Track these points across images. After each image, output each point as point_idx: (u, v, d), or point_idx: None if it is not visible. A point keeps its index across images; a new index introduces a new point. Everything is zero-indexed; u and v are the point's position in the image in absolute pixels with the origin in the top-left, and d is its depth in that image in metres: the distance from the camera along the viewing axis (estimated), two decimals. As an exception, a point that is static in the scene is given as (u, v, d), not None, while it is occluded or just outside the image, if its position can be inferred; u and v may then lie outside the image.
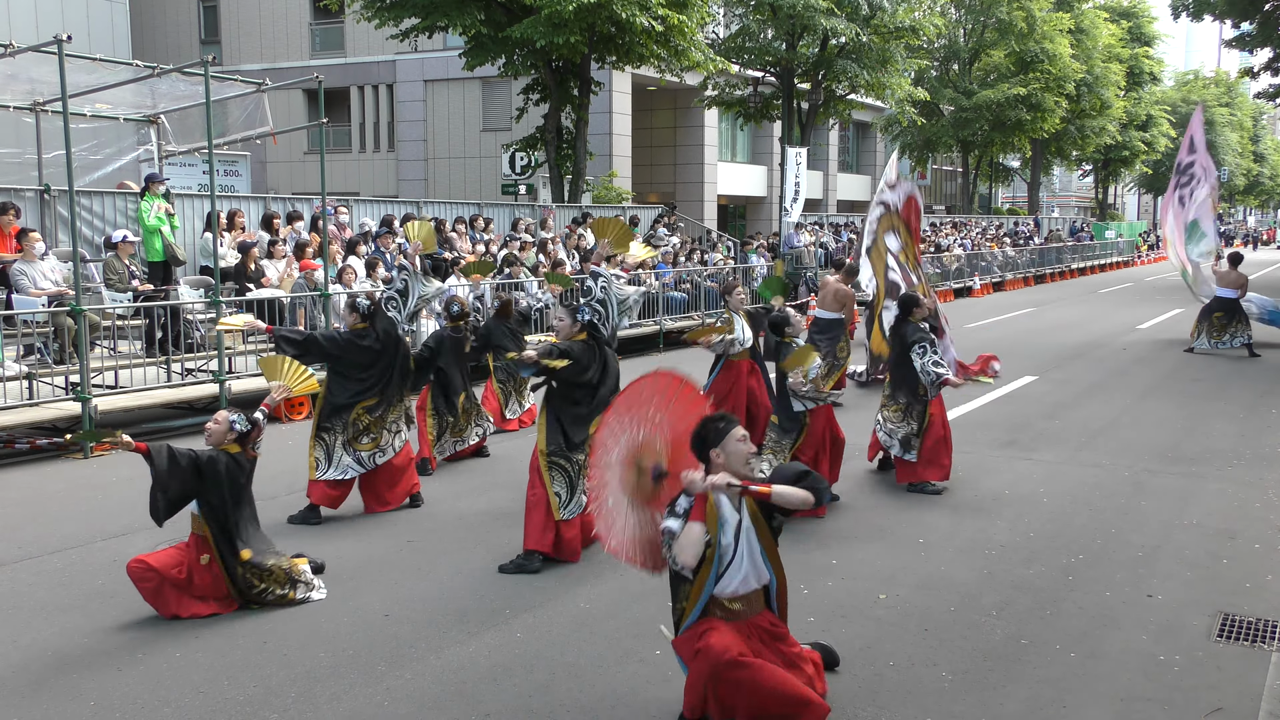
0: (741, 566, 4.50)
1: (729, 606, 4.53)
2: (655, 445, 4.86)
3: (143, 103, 14.39)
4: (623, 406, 4.94)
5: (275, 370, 6.96)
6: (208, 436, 6.18)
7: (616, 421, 4.92)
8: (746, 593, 4.56)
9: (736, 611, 4.53)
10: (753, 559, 4.53)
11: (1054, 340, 19.11)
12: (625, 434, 4.88)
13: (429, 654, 5.50)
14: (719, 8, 28.59)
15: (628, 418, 4.89)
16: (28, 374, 10.54)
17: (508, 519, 7.91)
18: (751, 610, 4.59)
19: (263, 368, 6.97)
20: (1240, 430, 11.13)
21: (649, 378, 4.96)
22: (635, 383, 4.97)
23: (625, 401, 4.95)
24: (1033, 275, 36.17)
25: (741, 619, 4.54)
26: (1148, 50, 55.27)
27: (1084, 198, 79.93)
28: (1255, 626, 5.80)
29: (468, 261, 10.99)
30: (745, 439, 4.55)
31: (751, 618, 4.58)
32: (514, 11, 20.95)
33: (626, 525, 4.83)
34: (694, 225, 29.26)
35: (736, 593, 4.53)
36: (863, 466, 9.48)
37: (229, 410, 6.28)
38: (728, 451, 4.51)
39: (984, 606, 6.12)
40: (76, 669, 5.35)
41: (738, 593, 4.53)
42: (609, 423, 4.94)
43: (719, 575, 4.49)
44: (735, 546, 4.49)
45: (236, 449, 6.16)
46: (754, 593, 4.60)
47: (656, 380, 4.94)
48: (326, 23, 34.93)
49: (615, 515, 4.82)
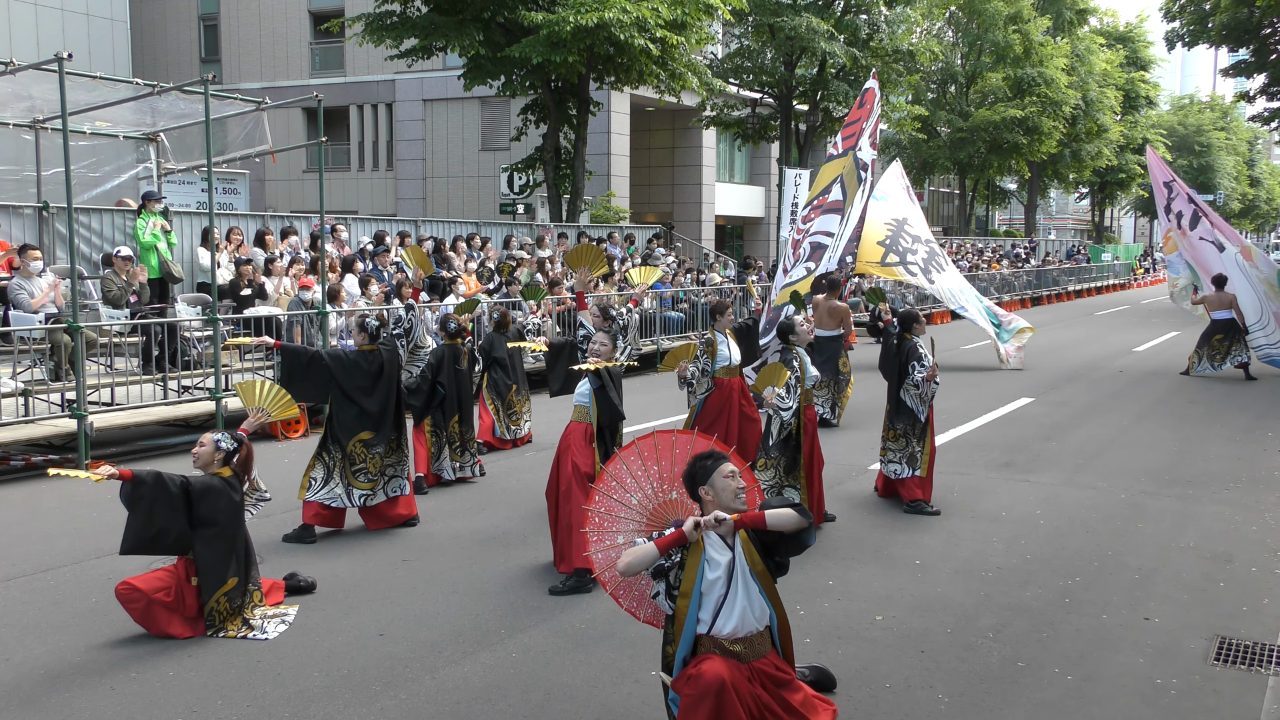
0: (736, 605, 4.42)
1: (729, 648, 4.43)
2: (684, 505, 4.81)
3: (142, 121, 14.45)
4: (648, 454, 4.86)
5: (251, 395, 6.71)
6: (195, 460, 6.14)
7: (641, 467, 4.85)
8: (748, 634, 4.46)
9: (738, 654, 4.43)
10: (749, 597, 4.46)
11: (1051, 362, 19.13)
12: (652, 485, 4.82)
13: (423, 674, 5.48)
14: (718, 28, 28.75)
15: (655, 468, 4.84)
16: (24, 390, 10.52)
17: (503, 539, 7.90)
18: (754, 653, 4.48)
19: (240, 392, 6.79)
20: (1237, 453, 11.13)
21: (683, 435, 4.90)
22: (665, 434, 4.89)
23: (652, 451, 4.86)
24: (1029, 297, 36.25)
25: (744, 661, 4.43)
26: (1144, 74, 55.60)
27: (1081, 220, 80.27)
28: (1252, 650, 5.79)
29: (457, 304, 11.16)
30: (734, 475, 4.52)
31: (754, 661, 4.47)
32: (513, 32, 21.05)
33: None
34: (691, 245, 29.33)
35: (735, 634, 4.44)
36: (860, 489, 9.48)
37: (213, 432, 6.24)
38: (716, 488, 4.50)
39: (981, 628, 6.10)
40: (69, 687, 5.32)
41: (736, 634, 4.44)
42: (629, 461, 4.86)
43: (714, 616, 4.43)
44: (729, 585, 4.43)
45: (228, 472, 6.13)
46: (756, 635, 4.49)
47: (694, 441, 4.86)
48: (326, 42, 35.09)
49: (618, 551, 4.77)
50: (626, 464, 4.88)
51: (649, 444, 4.89)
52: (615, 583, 4.81)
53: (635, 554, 4.45)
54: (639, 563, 4.43)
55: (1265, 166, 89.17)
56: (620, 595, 4.86)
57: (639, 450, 4.88)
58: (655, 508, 4.83)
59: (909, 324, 8.94)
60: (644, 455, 4.87)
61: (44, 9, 30.90)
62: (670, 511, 4.82)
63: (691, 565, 4.42)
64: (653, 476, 4.85)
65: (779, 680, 4.53)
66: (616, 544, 4.78)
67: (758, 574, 4.50)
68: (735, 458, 4.71)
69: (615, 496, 4.84)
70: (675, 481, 4.80)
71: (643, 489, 4.85)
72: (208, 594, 5.95)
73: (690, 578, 4.42)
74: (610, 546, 4.80)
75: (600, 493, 4.86)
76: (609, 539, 4.81)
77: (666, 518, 4.80)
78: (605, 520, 4.83)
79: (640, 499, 4.84)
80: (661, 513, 4.82)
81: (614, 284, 18.71)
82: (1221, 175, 70.14)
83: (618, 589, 4.83)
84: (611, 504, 4.83)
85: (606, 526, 4.82)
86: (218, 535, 5.99)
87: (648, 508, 4.83)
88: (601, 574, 4.82)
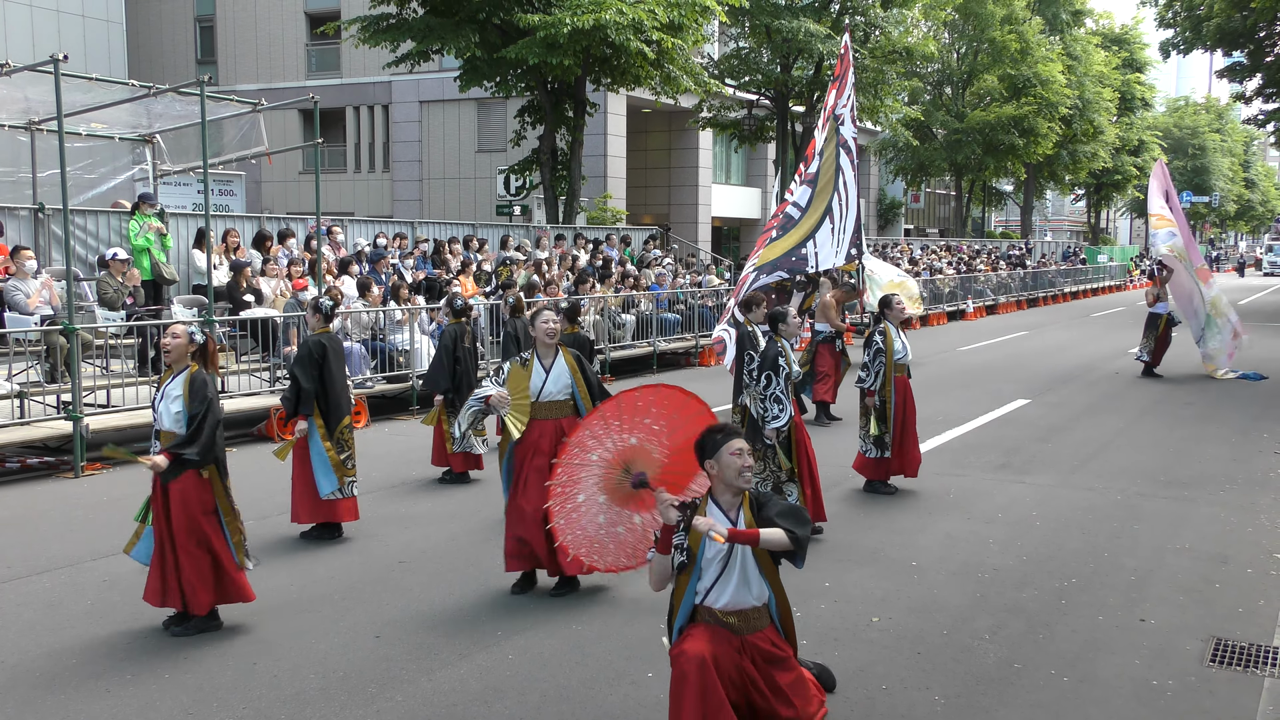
0: (733, 579, 4.45)
1: (723, 619, 4.47)
2: (652, 453, 4.99)
3: (138, 122, 14.44)
4: (611, 413, 5.09)
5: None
6: (168, 354, 6.15)
7: (602, 426, 5.08)
8: (743, 608, 4.48)
9: (731, 625, 4.46)
10: (745, 574, 4.47)
11: (1046, 364, 19.15)
12: (612, 438, 5.02)
13: (420, 676, 5.47)
14: (714, 29, 28.78)
15: (616, 423, 5.03)
16: (20, 392, 10.50)
17: (500, 540, 7.88)
18: (749, 627, 4.50)
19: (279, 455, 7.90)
20: (1232, 454, 11.15)
21: (648, 389, 5.09)
22: (629, 393, 5.12)
23: (615, 409, 5.09)
24: (1025, 299, 36.31)
25: (738, 633, 4.47)
26: (1139, 76, 55.72)
27: (1077, 222, 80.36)
28: (1248, 651, 5.79)
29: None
30: (741, 452, 4.48)
31: (748, 635, 4.51)
32: (509, 34, 21.04)
33: (590, 523, 5.10)
34: (688, 246, 29.34)
35: (729, 607, 4.47)
36: (857, 490, 9.48)
37: (183, 325, 6.29)
38: (722, 464, 4.47)
39: (977, 630, 6.11)
40: (65, 690, 5.32)
41: (730, 607, 4.47)
42: (590, 426, 5.12)
43: (709, 588, 4.46)
44: (727, 561, 4.45)
45: (196, 366, 6.14)
46: (752, 609, 4.50)
47: (658, 392, 5.07)
48: (322, 44, 35.08)
49: (582, 512, 5.00)
50: (588, 428, 5.14)
51: (612, 405, 5.14)
52: (574, 541, 5.05)
53: (655, 571, 4.55)
54: (662, 571, 4.52)
55: (1260, 168, 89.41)
56: (582, 552, 5.28)
57: (601, 413, 5.14)
58: (614, 455, 5.05)
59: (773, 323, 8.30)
60: (606, 415, 5.10)
61: (39, 10, 30.87)
62: (631, 456, 5.02)
63: (694, 541, 4.45)
64: (612, 430, 5.04)
65: (771, 656, 4.54)
66: (578, 504, 4.99)
67: (757, 554, 4.50)
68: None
69: (576, 461, 5.10)
70: (636, 429, 4.99)
71: (603, 444, 5.07)
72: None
73: (693, 554, 4.45)
74: (573, 510, 5.02)
75: (562, 463, 5.12)
76: (570, 502, 5.02)
77: (628, 462, 5.02)
78: (566, 487, 5.02)
79: (600, 454, 5.08)
80: (621, 458, 5.03)
81: (611, 284, 18.71)
82: (1217, 177, 70.35)
83: (577, 547, 5.16)
84: (572, 469, 5.02)
85: (567, 492, 5.00)
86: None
87: (606, 458, 5.07)
88: (557, 526, 5.06)
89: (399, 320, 13.94)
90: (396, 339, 13.91)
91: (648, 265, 21.64)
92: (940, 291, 29.59)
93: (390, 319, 13.93)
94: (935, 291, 29.08)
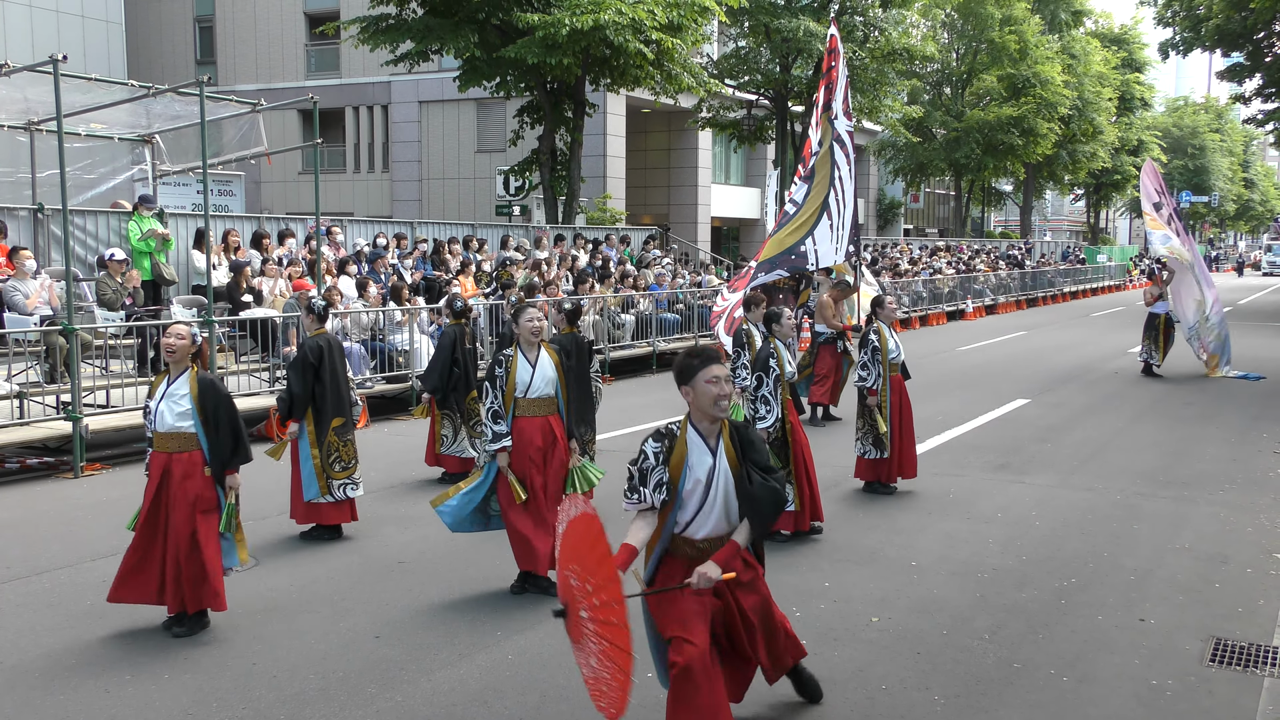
0: (714, 510, 4.45)
1: (699, 546, 4.48)
2: (585, 588, 4.30)
3: (137, 122, 14.43)
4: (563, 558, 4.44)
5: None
6: (172, 355, 6.00)
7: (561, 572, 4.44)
8: (718, 535, 4.49)
9: (705, 552, 4.47)
10: (726, 504, 4.48)
11: (1046, 363, 19.15)
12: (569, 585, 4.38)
13: (419, 676, 5.47)
14: (713, 29, 28.78)
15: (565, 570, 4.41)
16: (19, 393, 10.50)
17: (499, 540, 7.87)
18: (719, 546, 4.47)
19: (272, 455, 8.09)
20: (1232, 454, 11.15)
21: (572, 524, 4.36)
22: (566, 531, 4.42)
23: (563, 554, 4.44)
24: (1025, 299, 36.30)
25: (707, 557, 4.43)
26: (1139, 76, 55.73)
27: (1076, 222, 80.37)
28: (1248, 651, 5.79)
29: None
30: (717, 380, 4.38)
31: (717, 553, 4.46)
32: (508, 34, 21.05)
33: (587, 668, 4.41)
34: (687, 247, 29.34)
35: (708, 535, 4.49)
36: (855, 491, 9.48)
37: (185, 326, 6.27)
38: (697, 391, 4.41)
39: (976, 630, 6.11)
40: (64, 690, 5.31)
41: (708, 535, 4.49)
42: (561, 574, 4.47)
43: (690, 520, 4.46)
44: (707, 490, 4.44)
45: (197, 367, 6.13)
46: (725, 536, 4.51)
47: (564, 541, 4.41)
48: (322, 44, 35.07)
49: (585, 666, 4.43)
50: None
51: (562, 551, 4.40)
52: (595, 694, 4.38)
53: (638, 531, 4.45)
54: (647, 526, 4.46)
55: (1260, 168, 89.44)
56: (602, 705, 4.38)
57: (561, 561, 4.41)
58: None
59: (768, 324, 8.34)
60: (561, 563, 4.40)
61: (39, 10, 30.87)
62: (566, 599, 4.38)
63: (674, 474, 4.43)
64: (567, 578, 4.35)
65: (743, 583, 4.58)
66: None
67: (736, 477, 4.48)
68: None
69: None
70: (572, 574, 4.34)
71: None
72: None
73: (674, 488, 4.44)
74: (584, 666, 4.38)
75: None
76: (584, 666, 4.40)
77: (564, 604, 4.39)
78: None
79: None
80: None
81: (611, 285, 18.71)
82: (1216, 177, 70.35)
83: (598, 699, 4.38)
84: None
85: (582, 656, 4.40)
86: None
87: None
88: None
89: (399, 321, 13.95)
90: (396, 339, 13.92)
91: (647, 265, 21.65)
92: (939, 291, 29.61)
93: (390, 319, 13.93)
94: (935, 291, 29.09)
